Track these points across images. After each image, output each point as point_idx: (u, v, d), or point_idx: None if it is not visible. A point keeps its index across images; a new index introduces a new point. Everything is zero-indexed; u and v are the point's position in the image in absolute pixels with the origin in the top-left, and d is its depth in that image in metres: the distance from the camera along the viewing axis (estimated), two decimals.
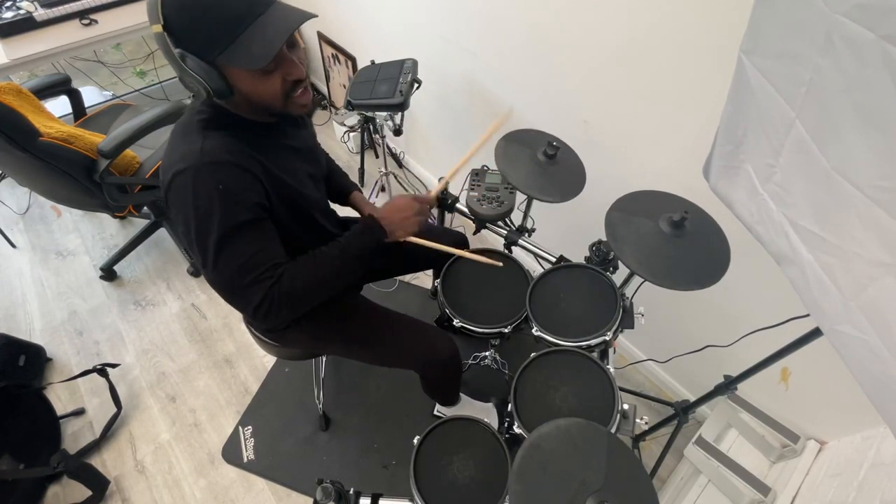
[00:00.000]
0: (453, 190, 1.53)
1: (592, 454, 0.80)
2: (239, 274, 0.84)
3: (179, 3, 0.73)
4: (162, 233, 2.29)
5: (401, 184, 2.43)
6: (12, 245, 2.31)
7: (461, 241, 1.49)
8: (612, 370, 1.03)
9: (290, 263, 0.92)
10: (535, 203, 1.32)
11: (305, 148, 1.07)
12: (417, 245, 1.08)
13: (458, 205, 1.52)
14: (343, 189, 1.31)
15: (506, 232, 1.42)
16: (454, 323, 1.21)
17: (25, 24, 1.94)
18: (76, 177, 1.64)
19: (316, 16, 0.83)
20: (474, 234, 1.46)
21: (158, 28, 0.74)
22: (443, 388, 1.51)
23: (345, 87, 2.58)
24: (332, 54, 2.54)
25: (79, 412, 1.79)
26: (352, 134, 2.47)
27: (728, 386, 1.18)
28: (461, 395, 1.60)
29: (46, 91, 1.86)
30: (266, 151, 0.91)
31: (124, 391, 1.82)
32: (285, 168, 0.95)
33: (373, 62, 1.79)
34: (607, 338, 1.07)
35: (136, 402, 1.82)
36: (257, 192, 0.87)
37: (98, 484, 1.57)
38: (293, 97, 0.86)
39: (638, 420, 1.05)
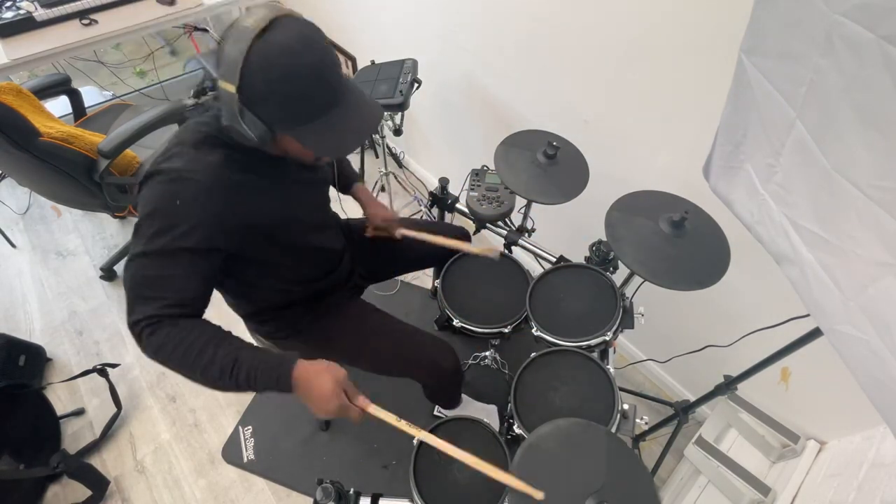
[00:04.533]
0: (453, 189, 1.53)
1: (592, 454, 0.80)
2: (134, 285, 0.79)
3: (269, 73, 0.70)
4: None
5: (401, 184, 2.43)
6: (12, 245, 2.31)
7: (463, 236, 1.48)
8: (612, 370, 1.03)
9: (186, 322, 0.78)
10: (536, 203, 1.32)
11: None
12: (416, 239, 1.08)
13: (457, 205, 1.52)
14: (346, 179, 1.29)
15: (506, 232, 1.42)
16: (454, 323, 1.21)
17: (25, 24, 1.93)
18: (76, 177, 1.64)
19: (384, 114, 0.86)
20: (474, 233, 1.46)
21: (231, 88, 0.71)
22: (444, 396, 1.53)
23: None
24: None
25: (79, 412, 1.79)
26: None
27: (728, 386, 1.18)
28: (462, 395, 1.60)
29: (46, 91, 1.86)
30: (258, 172, 0.87)
31: (124, 391, 1.82)
32: (284, 195, 0.92)
33: (373, 62, 1.79)
34: (607, 338, 1.07)
35: (136, 402, 1.82)
36: (209, 231, 0.80)
37: (98, 484, 1.57)
38: (321, 158, 0.95)
39: (638, 420, 1.05)
